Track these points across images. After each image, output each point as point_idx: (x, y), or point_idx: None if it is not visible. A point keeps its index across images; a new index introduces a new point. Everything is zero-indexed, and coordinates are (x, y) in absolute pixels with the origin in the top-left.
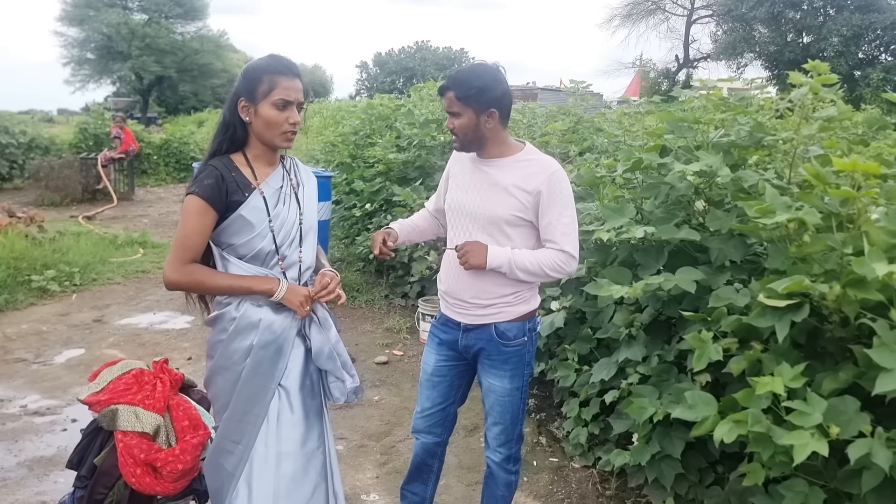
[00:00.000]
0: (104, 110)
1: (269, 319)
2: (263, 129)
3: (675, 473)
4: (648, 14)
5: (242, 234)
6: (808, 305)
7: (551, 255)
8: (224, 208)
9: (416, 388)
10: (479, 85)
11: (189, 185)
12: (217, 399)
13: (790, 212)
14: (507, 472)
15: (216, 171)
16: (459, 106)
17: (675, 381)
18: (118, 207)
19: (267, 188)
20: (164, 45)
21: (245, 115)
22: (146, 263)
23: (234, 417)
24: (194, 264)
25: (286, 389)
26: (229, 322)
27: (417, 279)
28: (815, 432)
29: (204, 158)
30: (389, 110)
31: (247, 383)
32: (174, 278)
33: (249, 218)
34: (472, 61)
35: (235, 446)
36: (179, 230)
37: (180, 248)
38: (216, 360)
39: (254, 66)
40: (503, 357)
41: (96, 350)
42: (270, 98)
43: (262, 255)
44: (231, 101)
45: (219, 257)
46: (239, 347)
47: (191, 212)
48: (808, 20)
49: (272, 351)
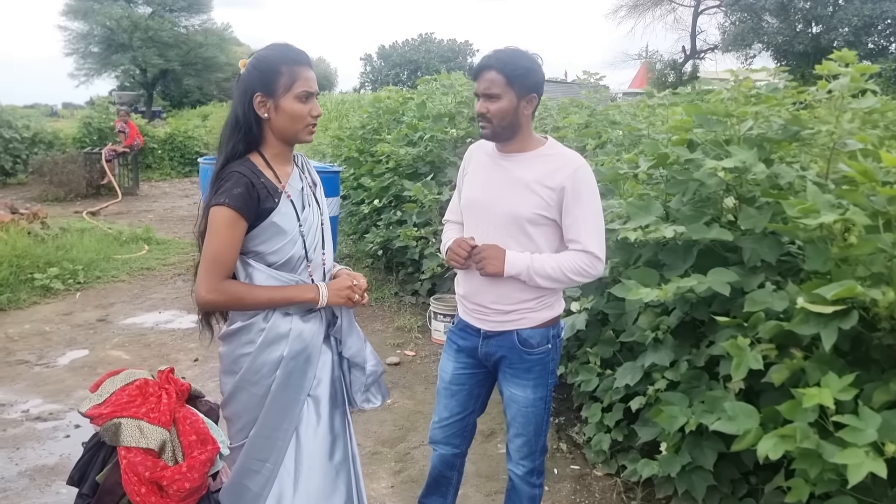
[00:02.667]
0: (109, 104)
1: (298, 328)
2: (287, 125)
3: (706, 485)
4: (655, 5)
5: (274, 242)
6: (856, 312)
7: (575, 258)
8: (255, 217)
9: (430, 391)
10: (526, 65)
11: (212, 193)
12: (239, 417)
13: (834, 211)
14: (531, 486)
15: (245, 179)
16: (502, 87)
17: (705, 387)
18: (122, 203)
19: (292, 191)
20: (168, 38)
21: (263, 112)
22: (151, 260)
23: (262, 434)
24: (230, 281)
25: (315, 399)
26: (257, 334)
27: (429, 276)
28: (870, 450)
29: (219, 162)
30: (397, 103)
31: (276, 397)
32: (211, 298)
33: (282, 225)
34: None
35: (263, 465)
36: (209, 245)
37: (213, 264)
38: (242, 376)
39: (268, 57)
40: (526, 366)
41: (100, 351)
42: (293, 91)
43: (292, 262)
44: (244, 97)
45: (241, 266)
46: (268, 360)
47: (221, 224)
48: (817, 10)
49: (302, 360)
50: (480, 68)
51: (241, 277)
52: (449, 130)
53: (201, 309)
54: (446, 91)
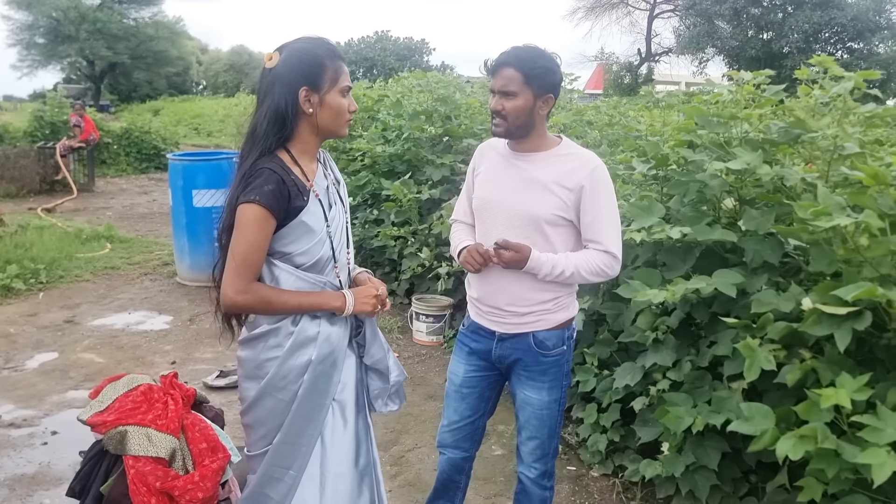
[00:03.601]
0: (62, 98)
1: (326, 332)
2: (331, 119)
3: (710, 485)
4: (612, 7)
5: (303, 242)
6: (869, 313)
7: (595, 257)
8: (284, 216)
9: (418, 393)
10: (544, 65)
11: (240, 190)
12: (262, 424)
13: (844, 213)
14: (542, 489)
15: (276, 175)
16: (519, 85)
17: (709, 388)
18: (78, 199)
19: (319, 189)
20: (117, 30)
21: (308, 107)
22: (115, 259)
23: (287, 441)
24: (259, 283)
25: (340, 404)
26: (286, 337)
27: (408, 276)
28: (891, 450)
29: (250, 158)
30: (372, 101)
31: (303, 403)
32: (241, 300)
33: (311, 224)
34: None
35: (286, 472)
36: (238, 244)
37: (243, 265)
38: (268, 381)
39: (312, 52)
40: (541, 368)
41: (71, 354)
42: (339, 85)
43: (321, 263)
44: (288, 91)
45: (267, 267)
46: (296, 364)
47: (251, 222)
48: (768, 16)
49: (329, 364)
50: (498, 65)
51: (267, 280)
52: (426, 128)
53: (227, 311)
54: (423, 89)
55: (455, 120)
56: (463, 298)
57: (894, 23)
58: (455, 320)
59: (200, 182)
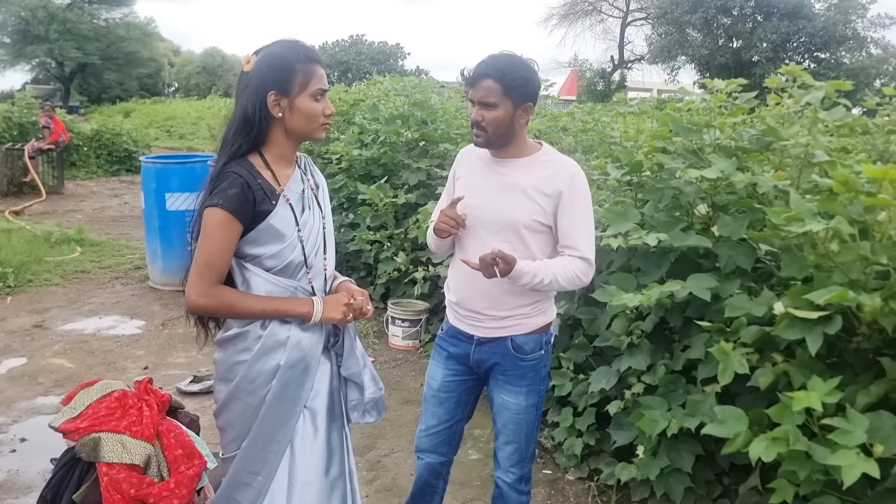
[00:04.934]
0: (32, 98)
1: (297, 337)
2: (302, 124)
3: (684, 488)
4: (585, 14)
5: (271, 246)
6: (840, 317)
7: (571, 265)
8: (251, 219)
9: (394, 397)
10: (524, 75)
11: (207, 194)
12: (232, 427)
13: (816, 219)
14: (519, 493)
15: (240, 179)
16: (499, 97)
17: (682, 391)
18: (47, 202)
19: (291, 193)
20: (87, 30)
21: (277, 111)
22: (85, 263)
23: (255, 446)
24: (222, 286)
25: (312, 411)
26: (254, 341)
27: (384, 281)
28: (860, 451)
29: (219, 163)
30: (348, 105)
31: (272, 408)
32: (201, 303)
33: (279, 228)
34: (407, 55)
35: (254, 478)
36: (201, 247)
37: (205, 268)
38: (236, 384)
39: (282, 56)
40: (519, 372)
41: (40, 359)
42: (309, 89)
43: (291, 267)
44: (256, 95)
45: (238, 270)
46: (264, 369)
47: (215, 226)
48: (738, 26)
49: (300, 371)
50: (477, 76)
51: (239, 283)
52: (402, 132)
53: (191, 312)
54: (399, 93)
55: (431, 124)
56: (438, 303)
57: (860, 33)
58: (431, 325)
59: (174, 185)
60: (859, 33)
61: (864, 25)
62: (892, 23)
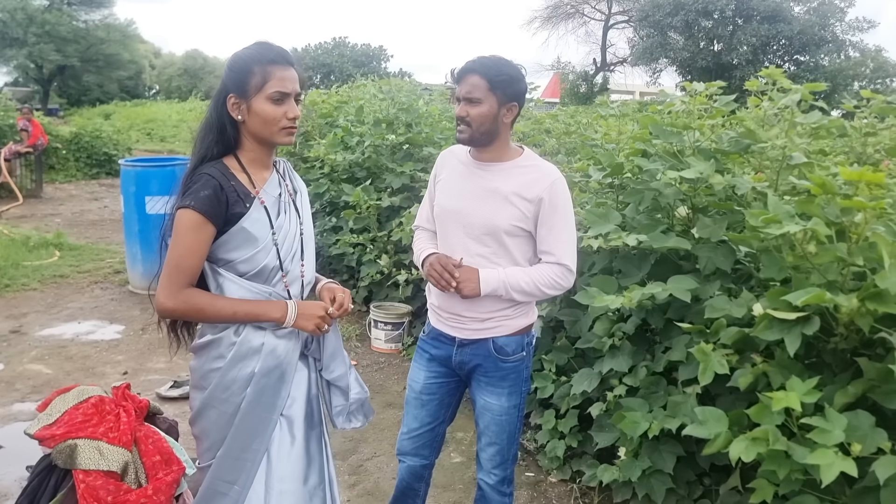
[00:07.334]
0: (8, 101)
1: (271, 343)
2: (260, 127)
3: (665, 489)
4: (568, 17)
5: (244, 250)
6: (818, 318)
7: (548, 270)
8: (223, 222)
9: (377, 401)
10: (509, 73)
11: (179, 196)
12: (207, 435)
13: (794, 221)
14: (502, 495)
15: (213, 181)
16: (484, 92)
17: (664, 392)
18: (25, 206)
19: (267, 196)
20: (66, 32)
21: (236, 114)
22: (64, 267)
23: (230, 455)
24: (192, 289)
25: (289, 419)
26: (227, 348)
27: (367, 284)
28: (838, 450)
29: (191, 164)
30: (331, 108)
31: (247, 416)
32: (170, 306)
33: (253, 231)
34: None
35: (230, 487)
36: (172, 250)
37: (175, 270)
38: (210, 392)
39: (241, 57)
40: (501, 374)
41: (17, 365)
42: (265, 91)
43: (265, 272)
44: (218, 98)
45: (212, 275)
46: (238, 376)
47: (186, 228)
48: (719, 29)
49: (275, 378)
50: (464, 72)
51: (213, 289)
52: (388, 136)
53: (160, 316)
54: (385, 97)
55: (416, 128)
56: (421, 306)
57: (838, 37)
58: (414, 328)
59: (154, 188)
60: (838, 36)
61: (843, 29)
62: (870, 26)
